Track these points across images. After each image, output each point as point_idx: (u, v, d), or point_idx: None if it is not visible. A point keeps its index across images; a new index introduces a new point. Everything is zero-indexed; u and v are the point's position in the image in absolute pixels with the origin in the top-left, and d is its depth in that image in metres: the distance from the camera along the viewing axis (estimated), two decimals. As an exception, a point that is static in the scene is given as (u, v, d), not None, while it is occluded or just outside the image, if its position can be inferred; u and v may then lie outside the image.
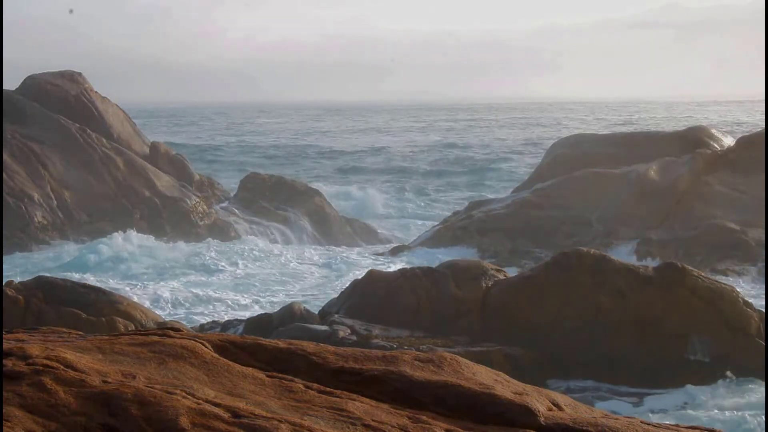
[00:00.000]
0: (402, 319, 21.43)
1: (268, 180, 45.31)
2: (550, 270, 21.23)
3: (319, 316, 22.35)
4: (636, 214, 37.00)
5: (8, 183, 37.51)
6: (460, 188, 60.94)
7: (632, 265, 21.30)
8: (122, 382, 5.40)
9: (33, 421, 4.90)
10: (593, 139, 46.36)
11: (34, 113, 41.49)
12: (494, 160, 72.81)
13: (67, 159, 40.36)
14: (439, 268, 22.79)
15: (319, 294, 29.63)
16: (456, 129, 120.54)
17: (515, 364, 19.35)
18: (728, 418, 17.40)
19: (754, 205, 34.97)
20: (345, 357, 6.51)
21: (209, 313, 26.50)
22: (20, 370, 5.34)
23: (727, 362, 19.50)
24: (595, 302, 20.44)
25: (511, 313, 20.96)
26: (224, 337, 6.67)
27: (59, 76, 44.44)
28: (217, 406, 5.30)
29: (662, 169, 38.56)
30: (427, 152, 77.15)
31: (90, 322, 20.08)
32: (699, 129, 45.35)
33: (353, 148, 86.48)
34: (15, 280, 22.28)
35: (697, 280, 20.38)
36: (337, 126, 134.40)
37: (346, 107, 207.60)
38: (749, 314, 20.01)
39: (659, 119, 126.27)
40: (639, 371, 19.54)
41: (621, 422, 6.00)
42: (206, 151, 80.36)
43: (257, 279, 32.75)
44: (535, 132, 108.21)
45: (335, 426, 5.37)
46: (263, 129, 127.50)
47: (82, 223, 38.55)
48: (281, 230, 41.47)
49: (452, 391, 6.06)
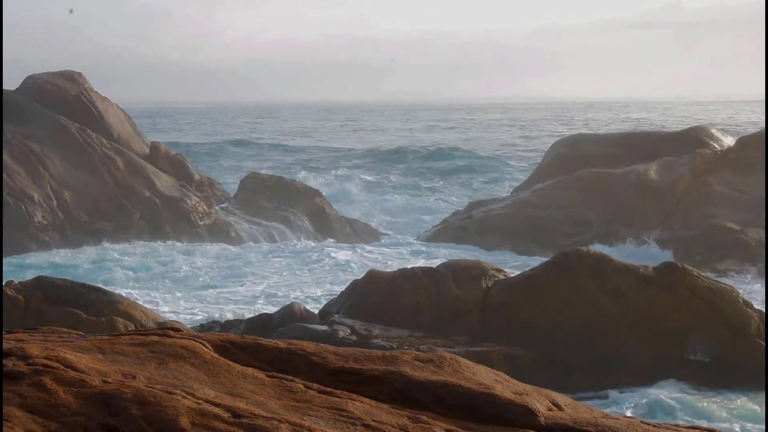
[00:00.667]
0: (402, 319, 21.43)
1: (268, 180, 45.30)
2: (550, 270, 21.23)
3: (319, 316, 22.35)
4: (636, 214, 37.02)
5: (8, 183, 37.50)
6: (459, 187, 60.88)
7: (632, 265, 21.29)
8: (122, 382, 5.40)
9: (33, 421, 4.90)
10: (593, 139, 46.38)
11: (34, 113, 41.48)
12: (494, 160, 72.77)
13: (67, 159, 40.35)
14: (439, 268, 22.80)
15: (324, 291, 29.68)
16: (456, 129, 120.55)
17: (515, 364, 19.35)
18: (728, 418, 17.40)
19: (754, 205, 34.98)
20: (345, 357, 6.51)
21: (209, 313, 26.48)
22: (20, 370, 5.34)
23: (727, 362, 19.51)
24: (595, 302, 20.44)
25: (511, 313, 20.96)
26: (224, 337, 6.67)
27: (59, 76, 44.43)
28: (217, 406, 5.31)
29: (662, 169, 38.58)
30: (427, 152, 77.08)
31: (90, 322, 20.08)
32: (699, 129, 45.35)
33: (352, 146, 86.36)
34: (15, 280, 22.29)
35: (697, 280, 20.38)
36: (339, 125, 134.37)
37: (345, 107, 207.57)
38: (749, 314, 20.01)
39: (659, 119, 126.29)
40: (639, 371, 19.54)
41: (621, 422, 6.00)
42: (206, 151, 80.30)
43: (256, 280, 32.74)
44: (535, 132, 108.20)
45: (335, 426, 5.37)
46: (264, 128, 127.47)
47: (82, 223, 38.54)
48: (281, 230, 41.46)
49: (452, 391, 6.06)
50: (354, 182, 59.88)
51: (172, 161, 44.13)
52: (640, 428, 5.99)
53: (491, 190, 58.35)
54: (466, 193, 57.61)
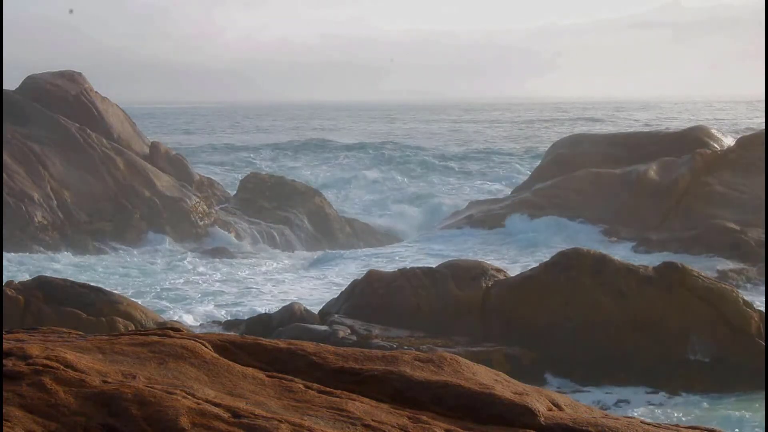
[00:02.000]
0: (402, 319, 21.44)
1: (268, 180, 45.31)
2: (550, 270, 21.23)
3: (319, 316, 22.35)
4: (636, 214, 37.02)
5: (8, 183, 37.50)
6: (457, 186, 60.76)
7: (632, 265, 21.30)
8: (122, 382, 5.40)
9: (33, 421, 4.90)
10: (593, 139, 46.36)
11: (34, 113, 41.49)
12: (493, 158, 72.71)
13: (67, 159, 40.36)
14: (439, 268, 22.80)
15: (323, 293, 29.58)
16: (456, 128, 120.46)
17: (515, 364, 19.36)
18: (728, 418, 17.40)
19: (754, 205, 34.99)
20: (345, 357, 6.51)
21: (210, 313, 26.46)
22: (20, 370, 5.34)
23: (727, 362, 19.51)
24: (595, 302, 20.45)
25: (511, 313, 20.96)
26: (224, 337, 6.67)
27: (59, 76, 44.45)
28: (217, 406, 5.30)
29: (662, 169, 38.58)
30: (427, 150, 76.98)
31: (90, 322, 20.09)
32: (699, 129, 45.35)
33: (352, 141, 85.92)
34: (15, 280, 22.30)
35: (697, 280, 20.39)
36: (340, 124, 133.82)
37: (345, 107, 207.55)
38: (749, 314, 20.01)
39: (659, 119, 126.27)
40: (639, 371, 19.55)
41: (621, 422, 6.00)
42: (206, 151, 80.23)
43: (255, 281, 32.72)
44: (535, 131, 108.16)
45: (335, 426, 5.37)
46: (265, 127, 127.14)
47: (82, 223, 38.55)
48: (281, 230, 41.45)
49: (452, 391, 6.06)
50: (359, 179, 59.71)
51: (172, 161, 44.14)
52: (640, 428, 5.99)
53: (490, 190, 58.23)
54: (464, 192, 57.33)
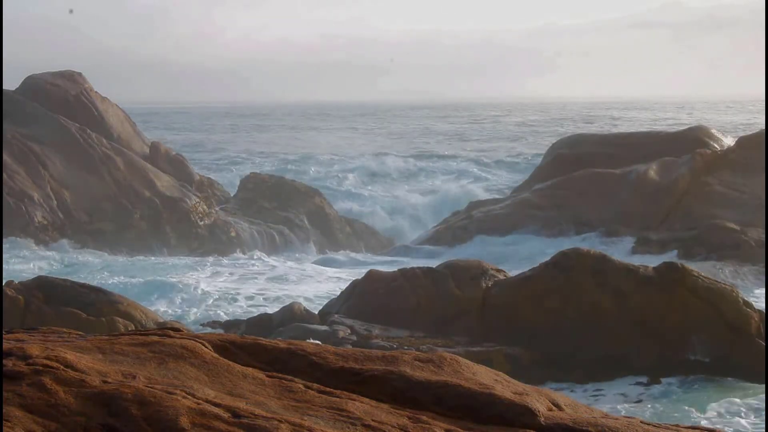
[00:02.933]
0: (402, 319, 21.43)
1: (269, 180, 45.32)
2: (550, 270, 21.23)
3: (319, 316, 22.35)
4: (636, 214, 37.02)
5: (8, 183, 37.51)
6: (457, 186, 60.78)
7: (632, 265, 21.30)
8: (122, 382, 5.40)
9: (33, 421, 4.90)
10: (593, 139, 46.32)
11: (34, 113, 41.49)
12: (493, 159, 72.73)
13: (67, 159, 40.37)
14: (439, 268, 22.79)
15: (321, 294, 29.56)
16: (456, 128, 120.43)
17: (515, 364, 19.36)
18: (728, 418, 17.40)
19: (754, 205, 34.99)
20: (345, 357, 6.50)
21: (209, 314, 26.45)
22: (20, 370, 5.33)
23: (727, 362, 19.51)
24: (595, 302, 20.45)
25: (511, 313, 20.96)
26: (224, 337, 6.67)
27: (59, 76, 44.46)
28: (217, 406, 5.30)
29: (662, 169, 38.57)
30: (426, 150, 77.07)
31: (90, 322, 20.09)
32: (699, 129, 45.32)
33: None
34: (15, 280, 22.29)
35: (697, 280, 20.38)
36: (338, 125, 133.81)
37: (344, 107, 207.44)
38: (749, 314, 20.01)
39: (659, 119, 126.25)
40: (639, 371, 19.55)
41: (621, 422, 6.00)
42: (206, 151, 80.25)
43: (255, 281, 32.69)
44: (535, 131, 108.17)
45: (335, 426, 5.37)
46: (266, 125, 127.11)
47: (82, 223, 38.55)
48: (281, 230, 41.45)
49: (452, 391, 6.06)
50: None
51: (172, 161, 44.15)
52: (640, 428, 5.99)
53: (488, 189, 58.25)
54: (463, 192, 57.32)
